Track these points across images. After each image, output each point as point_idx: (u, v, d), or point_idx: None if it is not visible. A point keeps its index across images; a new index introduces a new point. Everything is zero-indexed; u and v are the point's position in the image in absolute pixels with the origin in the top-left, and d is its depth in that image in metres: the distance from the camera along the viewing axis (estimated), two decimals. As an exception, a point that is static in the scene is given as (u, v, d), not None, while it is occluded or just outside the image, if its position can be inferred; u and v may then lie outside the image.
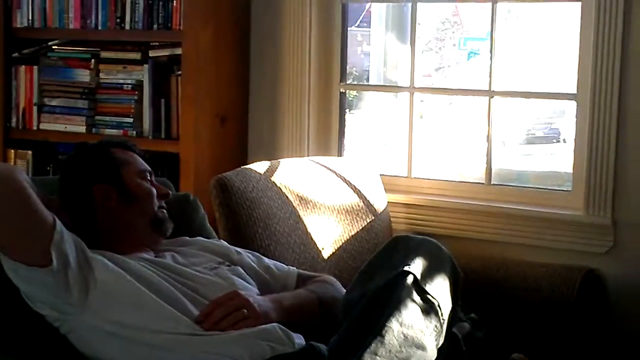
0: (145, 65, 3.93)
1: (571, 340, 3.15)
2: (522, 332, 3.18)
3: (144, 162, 2.67)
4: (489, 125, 3.74)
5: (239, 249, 2.75)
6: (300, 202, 3.38)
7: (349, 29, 4.08)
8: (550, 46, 4.45)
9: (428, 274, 2.30)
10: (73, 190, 2.58)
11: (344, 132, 4.07)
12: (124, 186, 2.57)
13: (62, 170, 2.68)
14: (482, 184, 3.79)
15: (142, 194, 2.59)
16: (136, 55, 3.96)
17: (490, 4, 3.70)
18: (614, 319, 3.36)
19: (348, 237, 3.49)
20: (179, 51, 3.85)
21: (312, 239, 3.37)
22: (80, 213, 2.55)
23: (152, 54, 3.94)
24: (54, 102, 4.13)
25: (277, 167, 3.41)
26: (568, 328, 3.16)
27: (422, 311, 2.25)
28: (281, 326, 2.33)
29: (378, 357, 2.13)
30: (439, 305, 2.29)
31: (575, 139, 3.59)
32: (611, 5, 3.36)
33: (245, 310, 2.35)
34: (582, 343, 3.16)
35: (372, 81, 4.64)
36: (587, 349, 3.15)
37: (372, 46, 4.68)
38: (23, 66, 4.18)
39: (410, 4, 3.92)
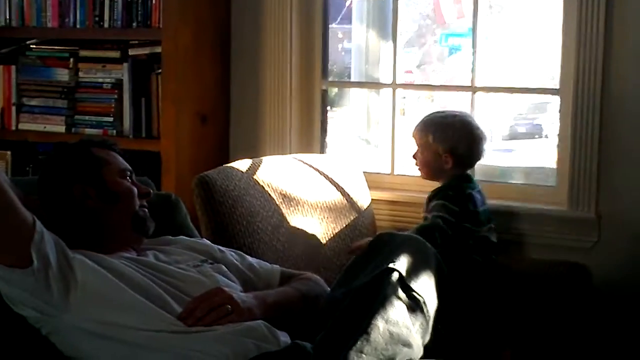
0: (125, 64, 3.91)
1: (557, 335, 3.15)
2: (508, 327, 3.17)
3: (124, 161, 2.65)
4: (471, 121, 3.72)
5: (222, 248, 2.74)
6: (283, 200, 3.37)
7: (329, 25, 4.06)
8: (533, 41, 4.45)
9: (413, 271, 2.29)
10: (53, 190, 2.55)
11: (326, 129, 4.07)
12: (104, 186, 2.54)
13: (41, 170, 2.65)
14: (466, 180, 3.78)
15: (123, 193, 2.56)
16: (115, 54, 3.94)
17: (471, -1, 3.70)
18: (598, 313, 3.35)
19: (332, 235, 3.49)
20: (158, 49, 3.83)
21: (295, 236, 3.36)
22: (61, 213, 2.52)
23: (131, 52, 3.92)
24: (33, 102, 4.10)
25: (259, 165, 3.40)
26: (554, 322, 3.16)
27: (407, 308, 2.24)
28: (267, 324, 2.32)
29: (364, 355, 2.11)
30: (424, 302, 2.28)
31: (558, 134, 3.59)
32: (593, -1, 3.37)
33: (229, 306, 2.33)
34: (567, 337, 3.16)
35: (354, 78, 4.62)
36: (572, 343, 3.15)
37: (353, 43, 4.67)
38: (1, 66, 4.15)
39: (390, 0, 3.91)
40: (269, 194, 3.34)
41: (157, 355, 2.24)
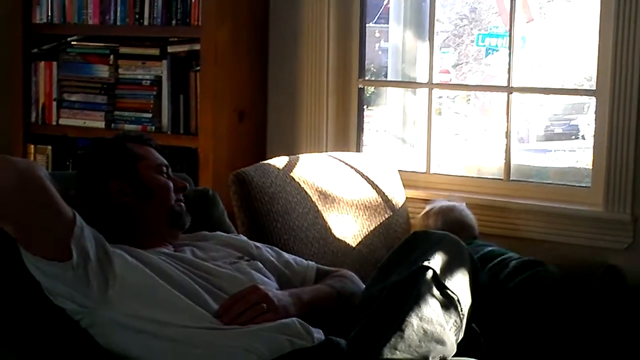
0: (164, 61, 3.93)
1: (590, 336, 3.14)
2: (540, 329, 3.17)
3: (160, 156, 2.66)
4: (507, 122, 3.73)
5: (258, 244, 2.75)
6: (319, 197, 3.38)
7: (367, 25, 4.08)
8: (570, 41, 4.44)
9: (447, 269, 2.29)
10: (90, 187, 2.58)
11: (362, 127, 4.07)
12: (139, 181, 2.56)
13: (79, 167, 2.68)
14: (501, 179, 3.79)
15: (159, 188, 2.58)
16: (155, 51, 3.97)
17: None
18: (633, 314, 3.34)
19: (367, 233, 3.49)
20: (197, 47, 3.86)
21: (331, 233, 3.37)
22: (98, 209, 2.54)
23: (170, 49, 3.95)
24: (73, 98, 4.15)
25: (296, 163, 3.41)
26: (588, 324, 3.15)
27: (441, 306, 2.24)
28: (300, 320, 2.32)
29: (397, 352, 2.12)
30: (458, 300, 2.28)
31: (594, 135, 3.58)
32: (631, 0, 3.35)
33: (265, 305, 2.34)
34: (600, 339, 3.15)
35: (390, 77, 4.63)
36: (605, 345, 3.14)
37: (390, 42, 4.67)
38: (42, 62, 4.19)
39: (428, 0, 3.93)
40: (305, 191, 3.35)
41: (192, 350, 2.26)
